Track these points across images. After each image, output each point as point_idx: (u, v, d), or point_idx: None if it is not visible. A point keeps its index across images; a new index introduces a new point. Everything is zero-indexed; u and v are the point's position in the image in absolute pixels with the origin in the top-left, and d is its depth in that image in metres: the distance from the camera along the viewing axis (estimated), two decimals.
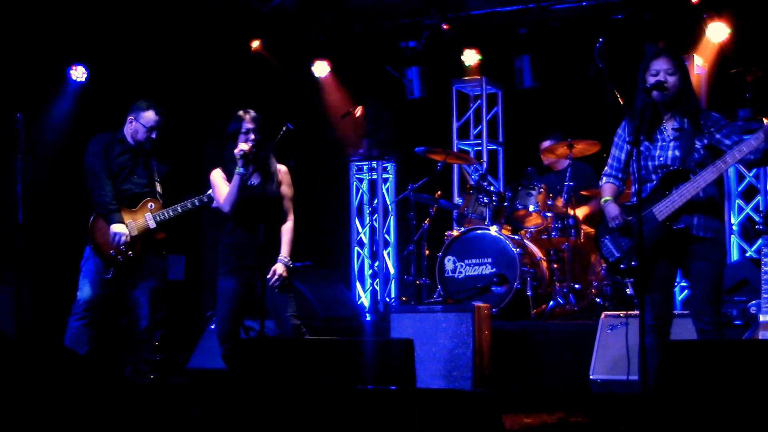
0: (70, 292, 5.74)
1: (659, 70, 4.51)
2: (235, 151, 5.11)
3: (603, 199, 4.77)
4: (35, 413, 3.69)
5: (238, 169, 5.09)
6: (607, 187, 4.80)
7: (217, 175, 5.24)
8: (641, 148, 4.53)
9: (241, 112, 5.23)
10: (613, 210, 4.70)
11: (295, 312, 5.20)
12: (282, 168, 5.33)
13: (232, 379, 4.74)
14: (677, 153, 4.51)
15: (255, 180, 5.21)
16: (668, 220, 4.49)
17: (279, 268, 5.14)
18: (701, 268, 4.52)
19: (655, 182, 4.55)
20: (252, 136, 5.17)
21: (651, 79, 4.52)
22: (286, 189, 5.30)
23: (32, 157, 5.74)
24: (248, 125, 5.18)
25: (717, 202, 4.63)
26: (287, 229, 5.26)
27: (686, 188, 4.47)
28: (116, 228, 5.57)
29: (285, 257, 5.19)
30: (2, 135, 7.10)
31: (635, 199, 4.63)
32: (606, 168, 4.86)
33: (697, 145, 4.50)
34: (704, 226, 4.52)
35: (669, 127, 4.57)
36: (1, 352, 4.17)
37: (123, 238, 5.56)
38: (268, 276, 5.11)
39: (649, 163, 4.55)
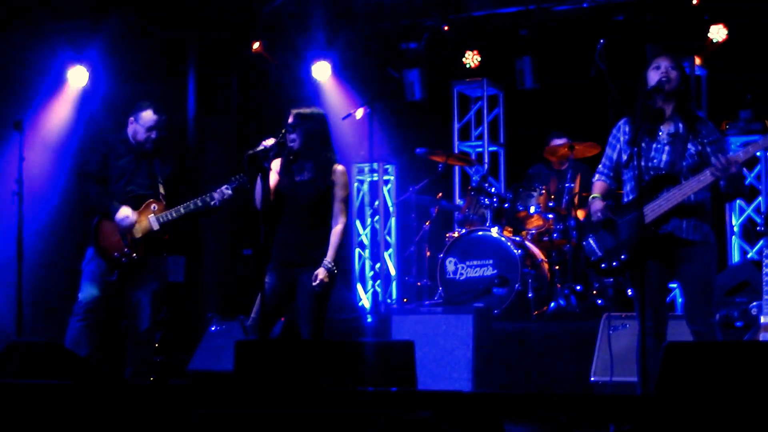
0: (70, 293, 5.74)
1: (661, 65, 4.54)
2: None
3: (591, 196, 4.79)
4: (35, 414, 3.69)
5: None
6: (598, 185, 4.83)
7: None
8: (636, 149, 4.55)
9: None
10: (597, 204, 4.71)
11: (319, 320, 5.11)
12: (339, 168, 5.18)
13: (233, 381, 4.74)
14: (669, 157, 4.53)
15: (302, 176, 5.16)
16: (654, 224, 4.49)
17: (321, 273, 5.02)
18: (690, 270, 4.53)
19: (645, 184, 4.56)
20: (289, 136, 5.12)
21: (653, 74, 4.55)
22: (338, 190, 5.14)
23: (32, 159, 5.75)
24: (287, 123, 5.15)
25: (707, 210, 4.61)
26: (335, 232, 5.10)
27: (674, 193, 4.48)
28: (121, 214, 5.56)
29: (328, 261, 5.04)
30: (3, 137, 7.13)
31: (626, 198, 4.65)
32: (599, 166, 4.88)
33: (691, 150, 4.52)
34: (693, 230, 4.52)
35: (665, 131, 4.59)
36: (3, 353, 4.17)
37: (128, 221, 5.56)
38: (312, 282, 5.04)
39: (643, 164, 4.56)
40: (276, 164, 5.19)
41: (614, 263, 4.66)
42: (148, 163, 5.76)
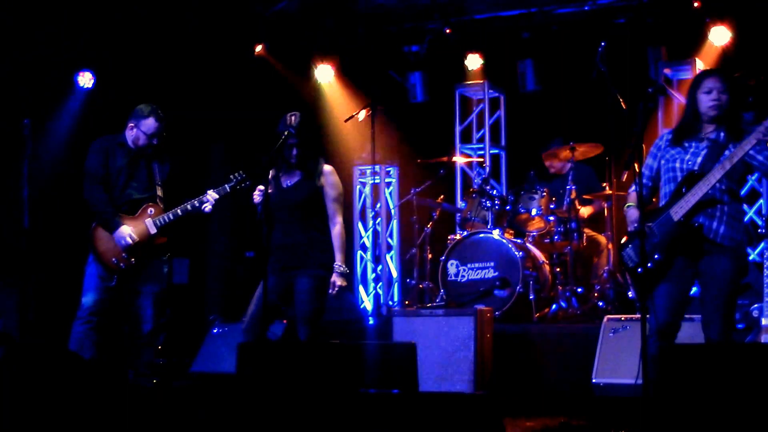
0: (74, 296, 5.76)
1: (712, 88, 4.60)
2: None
3: (626, 205, 4.83)
4: (40, 416, 3.71)
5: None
6: (633, 195, 4.83)
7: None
8: (674, 153, 4.63)
9: (287, 116, 5.16)
10: (633, 214, 4.76)
11: (315, 322, 5.13)
12: (327, 168, 5.19)
13: (236, 383, 4.77)
14: (703, 159, 4.58)
15: (290, 181, 5.20)
16: (684, 219, 4.53)
17: (337, 280, 5.07)
18: (714, 269, 4.51)
19: (678, 183, 4.60)
20: (292, 143, 5.10)
21: (704, 97, 4.60)
22: (328, 190, 5.15)
23: (38, 162, 5.76)
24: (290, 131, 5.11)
25: (739, 215, 4.61)
26: (336, 234, 5.12)
27: (698, 186, 4.52)
28: (120, 233, 5.58)
29: (338, 265, 5.08)
30: (9, 140, 7.16)
31: (661, 202, 4.68)
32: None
33: (726, 155, 4.53)
34: (722, 233, 4.51)
35: (705, 137, 4.64)
36: (6, 356, 4.19)
37: (127, 240, 5.58)
38: (330, 290, 5.08)
39: (677, 166, 4.62)
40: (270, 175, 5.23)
41: (649, 264, 4.66)
42: (146, 165, 5.77)
